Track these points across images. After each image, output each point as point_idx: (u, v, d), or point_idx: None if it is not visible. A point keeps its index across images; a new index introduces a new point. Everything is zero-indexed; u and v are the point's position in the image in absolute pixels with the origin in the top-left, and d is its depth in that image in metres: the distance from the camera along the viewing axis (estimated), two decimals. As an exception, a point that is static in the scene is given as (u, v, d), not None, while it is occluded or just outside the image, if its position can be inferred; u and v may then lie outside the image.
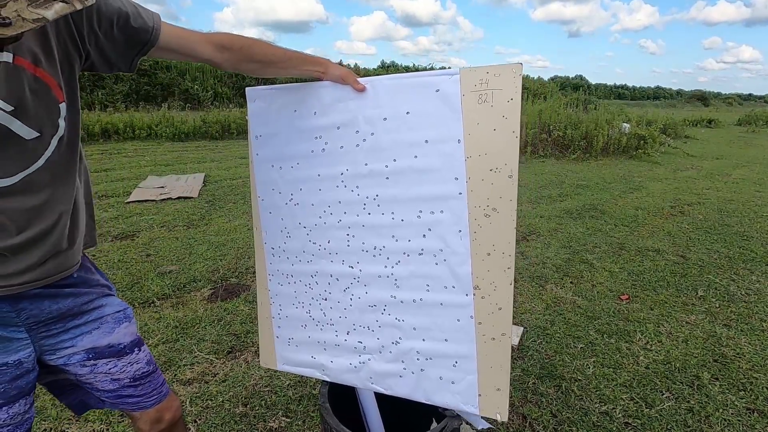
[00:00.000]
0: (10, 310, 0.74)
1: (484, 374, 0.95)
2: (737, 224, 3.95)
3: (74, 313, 0.82)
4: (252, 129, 1.09)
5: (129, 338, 0.89)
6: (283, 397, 1.71)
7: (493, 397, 0.95)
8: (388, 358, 1.03)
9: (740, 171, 6.69)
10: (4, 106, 0.63)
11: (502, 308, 0.92)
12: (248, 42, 0.89)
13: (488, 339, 0.94)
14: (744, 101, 41.44)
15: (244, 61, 0.89)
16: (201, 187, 4.81)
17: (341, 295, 1.05)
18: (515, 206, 0.88)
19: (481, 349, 0.94)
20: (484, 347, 0.94)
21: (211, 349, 2.01)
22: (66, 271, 0.79)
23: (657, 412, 1.66)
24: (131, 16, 0.74)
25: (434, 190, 0.92)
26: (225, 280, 2.69)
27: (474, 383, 0.96)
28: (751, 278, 2.86)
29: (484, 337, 0.94)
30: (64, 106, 0.71)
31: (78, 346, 0.83)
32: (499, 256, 0.90)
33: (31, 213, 0.71)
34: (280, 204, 1.08)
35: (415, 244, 0.95)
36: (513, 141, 0.85)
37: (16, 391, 0.78)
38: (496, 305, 0.92)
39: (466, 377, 0.96)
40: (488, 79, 0.85)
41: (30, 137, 0.67)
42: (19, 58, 0.64)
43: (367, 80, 0.95)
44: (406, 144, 0.92)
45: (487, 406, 0.96)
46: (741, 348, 2.09)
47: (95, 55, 0.74)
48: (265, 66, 0.91)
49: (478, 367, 0.95)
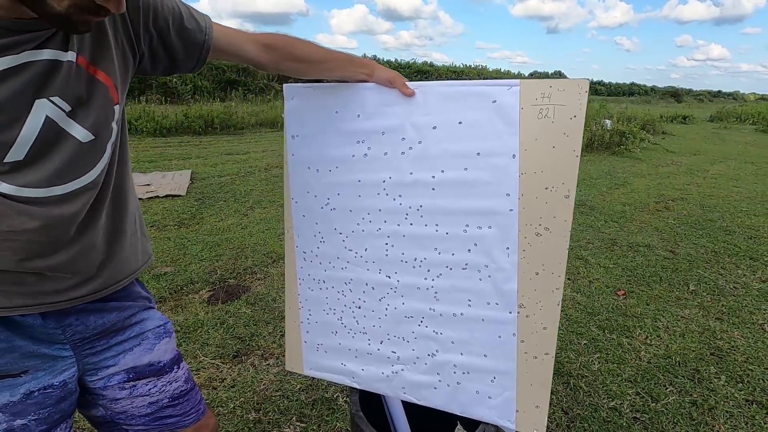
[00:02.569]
0: (56, 326, 0.70)
1: (524, 391, 0.94)
2: (719, 219, 4.10)
3: (117, 328, 0.79)
4: (288, 128, 1.05)
5: (169, 355, 0.86)
6: (296, 402, 1.69)
7: (532, 413, 0.94)
8: (422, 369, 1.02)
9: (717, 167, 6.93)
10: (63, 106, 0.60)
11: (547, 328, 0.90)
12: (291, 40, 0.86)
13: (530, 357, 0.93)
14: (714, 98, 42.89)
15: (287, 60, 0.86)
16: (189, 185, 4.69)
17: (376, 304, 1.04)
18: (569, 227, 0.85)
19: (522, 367, 0.93)
20: (525, 365, 0.93)
21: (216, 354, 1.96)
22: (116, 284, 0.75)
23: (663, 406, 1.71)
24: (185, 17, 0.71)
25: (483, 205, 0.89)
26: (223, 281, 2.64)
27: (512, 399, 0.95)
28: (737, 272, 2.97)
29: (526, 355, 0.93)
30: (117, 109, 0.68)
31: (120, 364, 0.79)
32: (548, 276, 0.87)
33: (84, 224, 0.67)
34: (315, 208, 1.05)
35: (458, 257, 0.93)
36: (573, 160, 0.82)
37: (59, 415, 0.74)
38: (540, 324, 0.90)
39: (504, 393, 0.95)
40: (551, 93, 0.82)
41: (86, 140, 0.64)
42: (80, 57, 0.61)
43: (416, 85, 0.92)
44: (456, 155, 0.90)
45: (524, 423, 0.95)
46: (735, 341, 2.17)
47: (148, 56, 0.71)
48: (308, 65, 0.88)
49: (518, 384, 0.94)
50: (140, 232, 0.83)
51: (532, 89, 0.83)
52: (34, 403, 0.71)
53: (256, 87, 15.17)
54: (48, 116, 0.59)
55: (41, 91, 0.59)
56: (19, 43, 0.56)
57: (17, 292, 0.65)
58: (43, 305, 0.68)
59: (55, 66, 0.59)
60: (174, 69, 0.78)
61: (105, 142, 0.68)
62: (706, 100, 38.63)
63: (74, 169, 0.64)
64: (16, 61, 0.56)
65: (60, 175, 0.62)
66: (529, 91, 0.83)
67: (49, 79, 0.59)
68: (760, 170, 6.73)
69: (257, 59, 0.82)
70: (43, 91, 0.59)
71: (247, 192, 4.55)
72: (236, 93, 14.09)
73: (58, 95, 0.60)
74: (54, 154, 0.62)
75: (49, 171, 0.61)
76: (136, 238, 0.81)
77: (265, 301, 2.41)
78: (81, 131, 0.63)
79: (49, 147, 0.61)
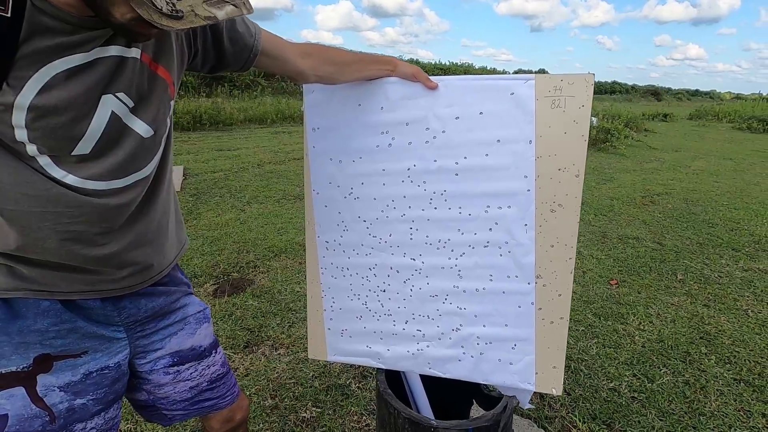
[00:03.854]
0: (113, 309, 0.74)
1: (542, 354, 1.02)
2: (702, 213, 4.27)
3: (164, 312, 0.82)
4: (308, 121, 1.09)
5: (208, 340, 0.90)
6: (309, 388, 1.73)
7: (550, 374, 1.03)
8: (447, 344, 1.08)
9: (698, 163, 7.17)
10: (127, 102, 0.62)
11: (562, 294, 0.99)
12: (323, 47, 0.92)
13: (547, 323, 1.01)
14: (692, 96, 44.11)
15: (324, 64, 0.90)
16: (182, 180, 4.66)
17: (401, 286, 1.09)
18: (580, 202, 0.95)
19: (539, 332, 1.01)
20: (542, 330, 1.01)
21: (227, 345, 1.99)
22: (164, 270, 0.79)
23: (658, 386, 1.81)
24: (237, 20, 0.74)
25: (503, 187, 0.97)
26: (227, 274, 2.66)
27: (531, 363, 1.03)
28: (721, 262, 3.12)
29: (543, 321, 1.01)
30: (172, 104, 0.71)
31: (166, 348, 0.83)
32: (562, 248, 0.96)
33: (138, 215, 0.70)
34: (338, 198, 1.10)
35: (481, 236, 1.00)
36: (582, 144, 0.92)
37: (113, 395, 0.78)
38: (556, 292, 0.99)
39: (524, 358, 1.03)
40: (562, 86, 0.91)
41: (147, 135, 0.66)
42: (144, 54, 0.63)
43: (438, 79, 0.98)
44: (477, 143, 0.97)
45: (543, 383, 1.04)
46: (721, 326, 2.29)
47: (201, 53, 0.74)
48: (342, 68, 0.93)
49: (536, 348, 1.02)
50: (176, 219, 0.87)
51: (546, 83, 0.92)
52: (93, 383, 0.74)
53: (242, 83, 15.00)
54: (114, 111, 0.61)
55: (108, 87, 0.60)
56: (89, 40, 0.56)
57: (77, 279, 0.68)
58: (102, 291, 0.71)
59: (121, 62, 0.60)
60: (221, 68, 0.80)
61: (161, 137, 0.70)
62: (684, 98, 39.68)
63: (134, 163, 0.66)
64: (87, 58, 0.57)
65: (121, 169, 0.65)
66: (543, 85, 0.92)
67: (116, 75, 0.60)
68: (738, 166, 6.99)
69: (298, 65, 0.86)
70: (110, 87, 0.60)
71: (243, 188, 4.55)
72: (222, 89, 13.92)
73: (123, 91, 0.62)
74: (117, 149, 0.64)
75: (112, 165, 0.63)
76: (175, 225, 0.85)
77: (270, 293, 2.44)
78: (142, 126, 0.66)
79: (113, 142, 0.63)
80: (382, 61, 0.99)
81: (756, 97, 46.77)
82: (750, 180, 5.91)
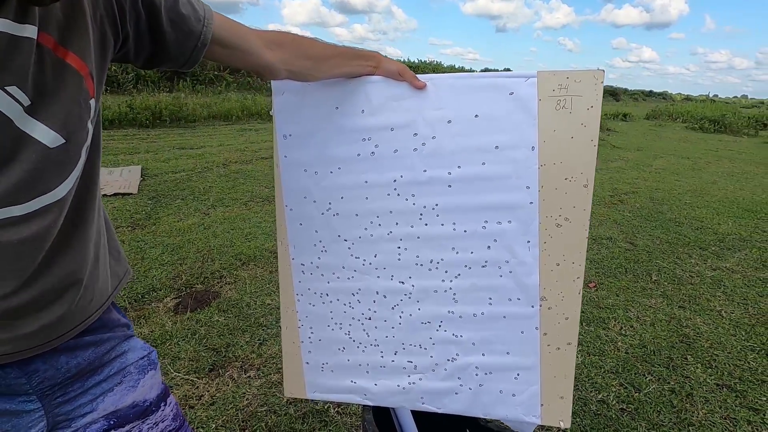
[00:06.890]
0: (19, 375, 0.56)
1: (548, 384, 0.93)
2: (668, 211, 4.38)
3: (94, 367, 0.65)
4: (279, 127, 0.94)
5: (155, 391, 0.73)
6: (284, 417, 1.58)
7: (557, 405, 0.93)
8: (442, 375, 0.96)
9: (659, 161, 7.43)
10: (21, 99, 0.45)
11: (569, 317, 0.89)
12: (296, 37, 0.76)
13: (553, 349, 0.91)
14: (647, 97, 46.26)
15: (298, 58, 0.75)
16: (140, 182, 4.34)
17: (388, 313, 0.96)
18: (588, 216, 0.85)
19: (545, 359, 0.92)
20: (548, 357, 0.92)
21: (190, 368, 1.80)
22: (90, 317, 0.62)
23: (645, 396, 1.77)
24: (180, 0, 0.58)
25: (502, 199, 0.86)
26: (190, 287, 2.44)
27: (536, 394, 0.93)
28: (691, 261, 3.18)
29: (549, 347, 0.91)
30: (93, 104, 0.53)
31: (98, 410, 0.65)
32: (569, 266, 0.87)
33: (51, 252, 0.53)
34: (315, 214, 0.96)
35: (478, 255, 0.89)
36: (591, 150, 0.82)
37: None
38: (563, 315, 0.89)
39: (528, 389, 0.93)
40: (568, 84, 0.80)
41: (55, 145, 0.48)
42: (44, 34, 0.46)
43: (426, 77, 0.86)
44: (473, 149, 0.85)
45: (549, 416, 0.94)
46: (698, 327, 2.30)
47: (133, 40, 0.56)
48: (319, 63, 0.78)
49: (542, 377, 0.93)
50: (112, 249, 0.69)
51: (549, 80, 0.82)
52: None
53: (205, 78, 14.38)
54: (2, 112, 0.44)
55: None
56: None
57: None
58: (4, 356, 0.53)
59: (10, 43, 0.43)
60: (160, 61, 0.62)
61: (80, 147, 0.52)
62: (640, 98, 41.59)
63: (40, 181, 0.49)
64: None
65: (21, 191, 0.47)
66: (546, 83, 0.82)
67: (2, 61, 0.43)
68: (695, 165, 7.30)
69: (265, 58, 0.70)
70: None
71: (207, 189, 4.28)
72: (184, 83, 13.30)
73: (15, 84, 0.44)
74: (13, 163, 0.46)
75: (6, 186, 0.46)
76: (109, 258, 0.67)
77: (238, 307, 2.26)
78: (47, 133, 0.48)
79: (6, 154, 0.46)
80: (365, 57, 0.85)
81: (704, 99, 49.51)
82: (707, 179, 6.16)
